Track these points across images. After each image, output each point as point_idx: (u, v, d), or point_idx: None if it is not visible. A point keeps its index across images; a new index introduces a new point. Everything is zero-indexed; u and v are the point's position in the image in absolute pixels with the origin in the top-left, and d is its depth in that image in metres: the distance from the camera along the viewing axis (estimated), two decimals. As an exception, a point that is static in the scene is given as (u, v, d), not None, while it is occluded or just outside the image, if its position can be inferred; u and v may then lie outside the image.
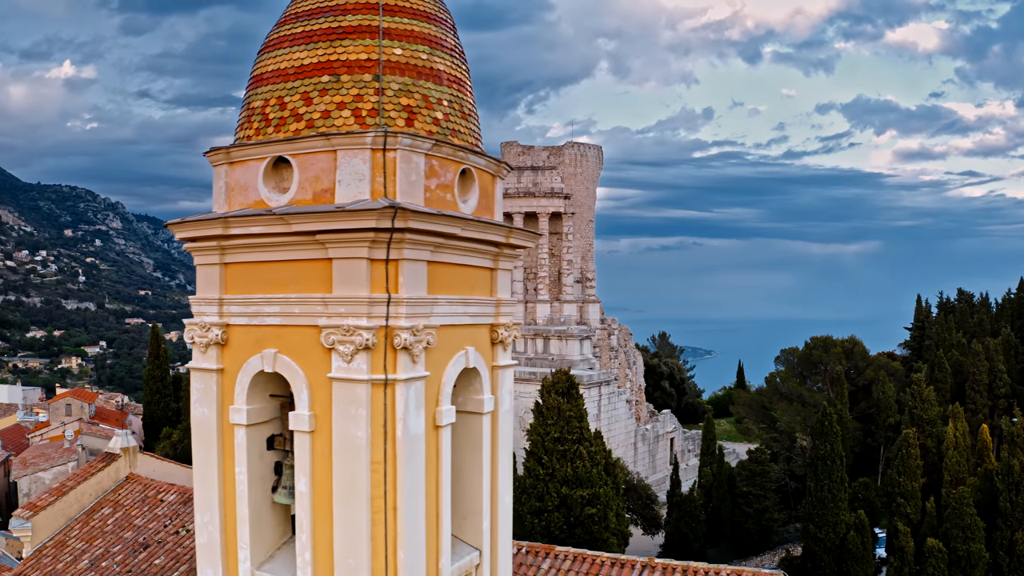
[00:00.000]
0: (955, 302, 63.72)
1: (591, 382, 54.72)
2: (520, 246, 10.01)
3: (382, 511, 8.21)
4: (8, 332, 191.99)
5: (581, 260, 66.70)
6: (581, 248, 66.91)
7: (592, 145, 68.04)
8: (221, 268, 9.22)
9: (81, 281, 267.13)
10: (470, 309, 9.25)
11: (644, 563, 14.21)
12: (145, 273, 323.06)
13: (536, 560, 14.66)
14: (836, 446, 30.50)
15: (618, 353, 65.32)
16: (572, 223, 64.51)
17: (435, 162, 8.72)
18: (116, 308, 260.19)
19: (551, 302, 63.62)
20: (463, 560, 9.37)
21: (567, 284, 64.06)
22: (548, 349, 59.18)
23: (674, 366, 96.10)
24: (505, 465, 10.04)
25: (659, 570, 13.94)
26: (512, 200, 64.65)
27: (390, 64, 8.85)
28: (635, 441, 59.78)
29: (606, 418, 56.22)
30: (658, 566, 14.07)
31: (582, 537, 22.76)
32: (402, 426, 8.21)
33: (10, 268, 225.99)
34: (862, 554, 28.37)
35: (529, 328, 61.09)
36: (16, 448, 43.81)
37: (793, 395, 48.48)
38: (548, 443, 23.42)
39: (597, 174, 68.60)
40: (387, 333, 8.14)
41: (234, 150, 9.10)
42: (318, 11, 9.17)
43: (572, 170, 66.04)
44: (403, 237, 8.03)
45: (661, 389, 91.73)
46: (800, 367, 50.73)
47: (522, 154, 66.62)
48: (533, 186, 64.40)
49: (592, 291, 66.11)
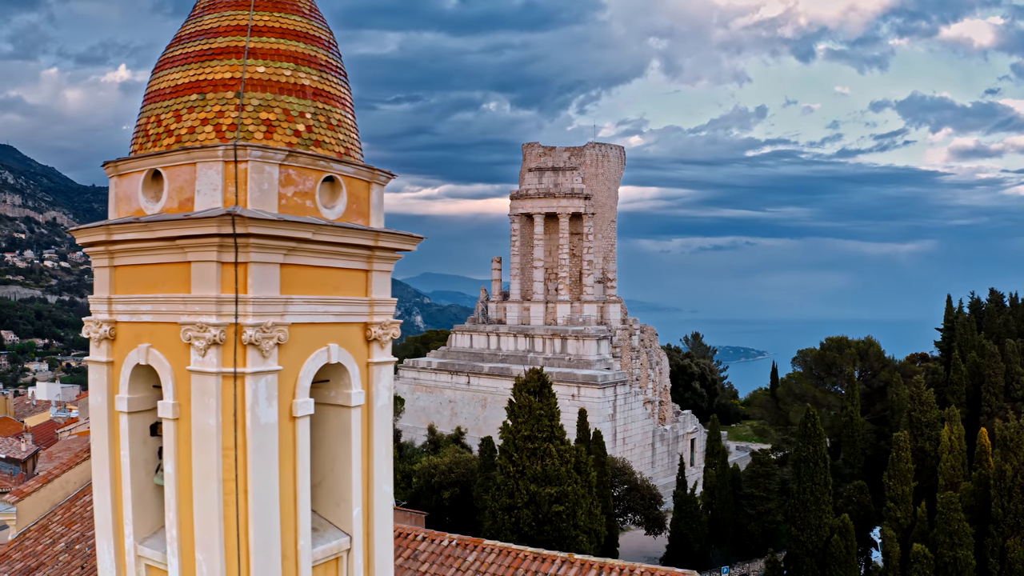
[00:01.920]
0: (986, 302, 62.01)
1: (606, 382, 54.93)
2: (395, 248, 10.63)
3: (233, 493, 8.93)
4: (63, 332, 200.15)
5: (603, 260, 66.85)
6: (603, 248, 67.05)
7: (614, 145, 68.15)
8: (111, 271, 10.09)
9: None
10: (334, 308, 9.90)
11: (564, 558, 14.66)
12: None
13: (464, 552, 15.25)
14: (819, 448, 30.22)
15: (640, 353, 65.26)
16: (593, 223, 64.72)
17: (292, 171, 9.41)
18: None
19: (571, 302, 63.97)
20: (330, 544, 10.03)
21: (587, 284, 64.31)
22: (565, 349, 59.57)
23: (706, 367, 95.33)
24: (382, 457, 10.65)
25: (576, 565, 14.39)
26: (532, 201, 65.24)
27: (253, 81, 9.58)
28: (653, 441, 59.71)
29: (622, 418, 56.33)
30: (576, 561, 14.51)
31: (551, 534, 23.20)
32: (251, 416, 8.91)
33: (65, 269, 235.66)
34: (845, 558, 28.03)
35: (547, 328, 61.58)
36: (46, 442, 46.13)
37: (807, 396, 47.94)
38: (518, 441, 23.92)
39: (619, 175, 68.65)
40: (236, 330, 8.87)
41: (120, 163, 9.98)
42: (195, 34, 9.98)
43: (593, 171, 66.27)
44: (248, 242, 8.74)
45: (692, 390, 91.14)
46: (816, 368, 50.08)
47: (543, 155, 67.12)
48: (553, 187, 64.86)
49: (613, 291, 66.19)
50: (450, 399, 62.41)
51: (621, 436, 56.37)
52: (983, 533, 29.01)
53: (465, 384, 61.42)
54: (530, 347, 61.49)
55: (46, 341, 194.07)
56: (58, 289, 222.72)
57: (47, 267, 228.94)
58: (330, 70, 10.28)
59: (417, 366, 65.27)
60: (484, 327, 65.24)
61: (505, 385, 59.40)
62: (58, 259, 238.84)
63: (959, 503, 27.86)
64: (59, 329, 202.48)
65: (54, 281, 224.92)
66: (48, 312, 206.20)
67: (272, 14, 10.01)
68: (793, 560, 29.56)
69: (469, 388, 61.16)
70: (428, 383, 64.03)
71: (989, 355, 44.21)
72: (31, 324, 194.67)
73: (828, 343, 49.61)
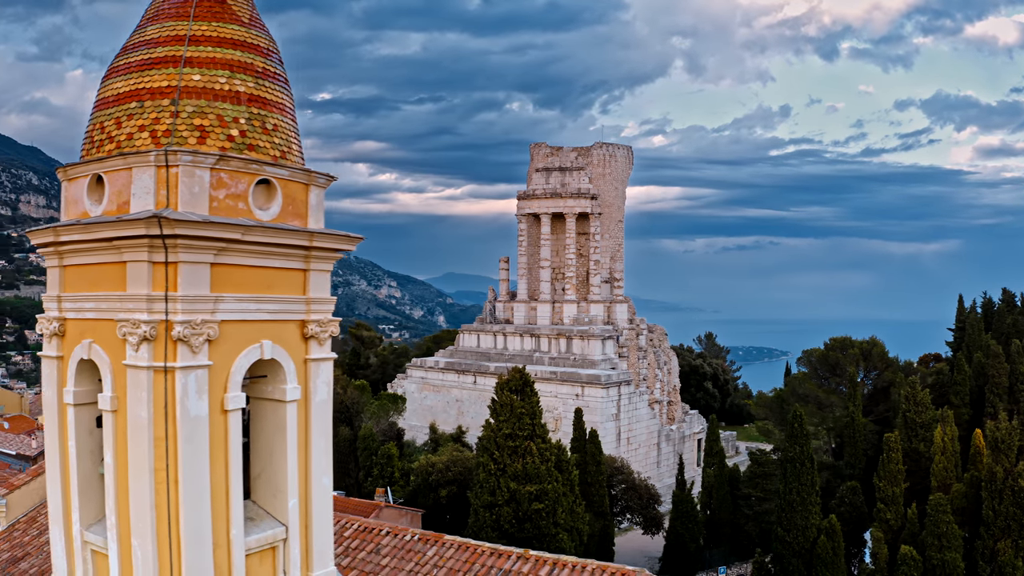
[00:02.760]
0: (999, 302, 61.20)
1: (609, 382, 55.03)
2: (333, 248, 11.02)
3: (164, 483, 9.37)
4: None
5: (610, 260, 66.92)
6: (610, 248, 67.13)
7: (621, 145, 68.15)
8: (60, 270, 10.61)
9: None
10: (268, 306, 10.31)
11: (519, 554, 14.95)
12: None
13: (424, 547, 15.61)
14: (806, 448, 30.13)
15: (647, 353, 65.24)
16: (599, 223, 64.83)
17: (224, 175, 9.84)
18: None
19: (578, 302, 64.12)
20: (265, 533, 10.44)
21: (594, 284, 64.42)
22: (571, 349, 59.75)
23: (718, 367, 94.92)
24: (320, 450, 11.04)
25: (531, 561, 14.67)
26: (539, 201, 65.49)
27: (188, 89, 10.03)
28: (659, 441, 59.70)
29: (626, 418, 56.41)
30: (531, 557, 14.79)
31: (530, 532, 23.47)
32: (181, 408, 9.36)
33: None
34: (832, 559, 27.92)
35: (553, 328, 61.80)
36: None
37: (810, 396, 47.72)
38: (499, 439, 24.20)
39: (627, 174, 68.66)
40: (166, 327, 9.31)
41: (69, 169, 10.49)
42: (139, 45, 10.46)
43: (601, 171, 66.35)
44: (176, 243, 9.18)
45: (704, 390, 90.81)
46: (820, 368, 49.83)
47: (550, 155, 67.33)
48: (560, 187, 65.05)
49: (620, 291, 66.24)
50: (457, 398, 62.85)
51: (625, 436, 56.46)
52: (974, 536, 28.80)
53: (471, 383, 61.83)
54: (536, 347, 61.74)
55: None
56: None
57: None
58: (267, 77, 10.70)
59: (424, 365, 65.80)
60: (491, 327, 65.60)
61: (511, 384, 59.84)
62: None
63: (948, 505, 27.65)
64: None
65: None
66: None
67: (211, 24, 10.45)
68: (780, 561, 29.49)
69: (475, 387, 61.55)
70: (435, 382, 64.52)
71: (993, 355, 43.77)
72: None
73: (832, 343, 49.34)
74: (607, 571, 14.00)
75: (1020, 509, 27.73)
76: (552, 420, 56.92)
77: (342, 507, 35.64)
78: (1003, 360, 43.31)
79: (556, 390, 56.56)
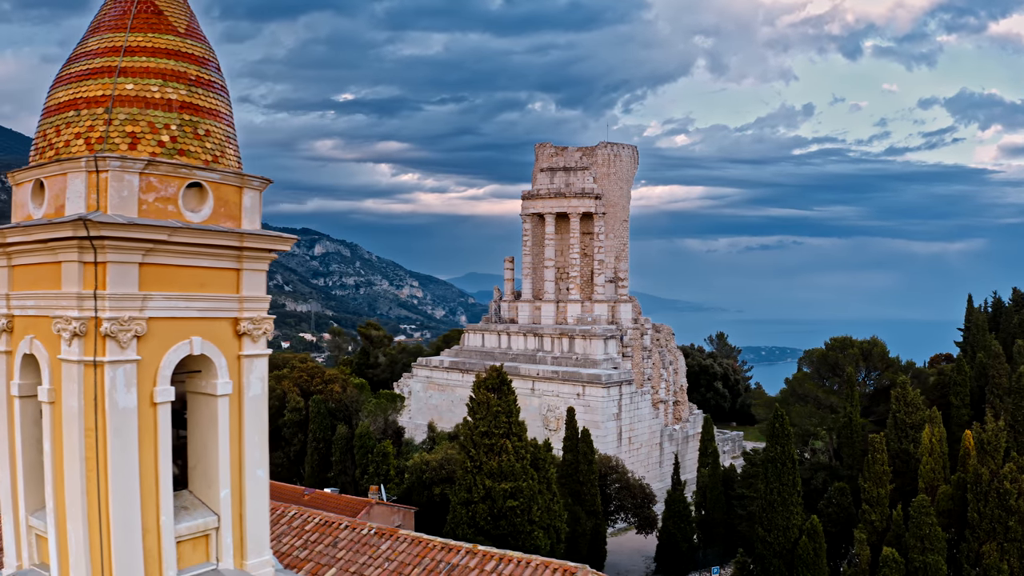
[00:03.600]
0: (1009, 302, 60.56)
1: (610, 381, 55.22)
2: (266, 249, 11.50)
3: (95, 471, 9.91)
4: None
5: (615, 260, 67.06)
6: (614, 248, 67.28)
7: (626, 145, 68.27)
8: (9, 270, 11.21)
9: None
10: (198, 304, 10.82)
11: (468, 549, 15.37)
12: None
13: (379, 541, 16.08)
14: (787, 448, 30.13)
15: (652, 353, 65.33)
16: (603, 223, 65.01)
17: (153, 178, 10.36)
18: None
19: (582, 302, 64.35)
20: (196, 521, 10.95)
21: (598, 284, 64.62)
22: (573, 348, 60.02)
23: (729, 367, 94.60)
24: (254, 443, 11.52)
25: (478, 555, 15.07)
26: (543, 201, 65.81)
27: (121, 98, 10.57)
28: (661, 441, 59.77)
29: (627, 417, 56.56)
30: (479, 552, 15.19)
31: (505, 529, 23.82)
32: (110, 401, 9.89)
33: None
34: (813, 560, 27.88)
35: (556, 328, 62.10)
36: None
37: (809, 397, 47.61)
38: (476, 437, 24.60)
39: (632, 174, 68.78)
40: (95, 323, 9.85)
41: (16, 174, 11.09)
42: (80, 56, 11.04)
43: (605, 170, 66.54)
44: (104, 244, 9.71)
45: (714, 390, 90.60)
46: (821, 368, 49.65)
47: (555, 155, 67.63)
48: (565, 187, 65.32)
49: (625, 290, 66.36)
50: (460, 397, 63.25)
51: (627, 435, 56.61)
52: (960, 538, 28.65)
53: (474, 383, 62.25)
54: (539, 346, 62.07)
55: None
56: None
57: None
58: (201, 84, 11.21)
59: (430, 364, 66.39)
60: (495, 326, 66.04)
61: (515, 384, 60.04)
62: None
63: (931, 507, 27.52)
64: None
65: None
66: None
67: (146, 35, 10.99)
68: (761, 561, 29.53)
69: (479, 386, 62.00)
70: (440, 381, 65.09)
71: (994, 355, 43.40)
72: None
73: (832, 343, 49.12)
74: (550, 567, 14.35)
75: (1005, 511, 27.58)
76: (554, 419, 57.29)
77: (333, 504, 36.38)
78: (1004, 360, 42.93)
79: (558, 389, 56.90)
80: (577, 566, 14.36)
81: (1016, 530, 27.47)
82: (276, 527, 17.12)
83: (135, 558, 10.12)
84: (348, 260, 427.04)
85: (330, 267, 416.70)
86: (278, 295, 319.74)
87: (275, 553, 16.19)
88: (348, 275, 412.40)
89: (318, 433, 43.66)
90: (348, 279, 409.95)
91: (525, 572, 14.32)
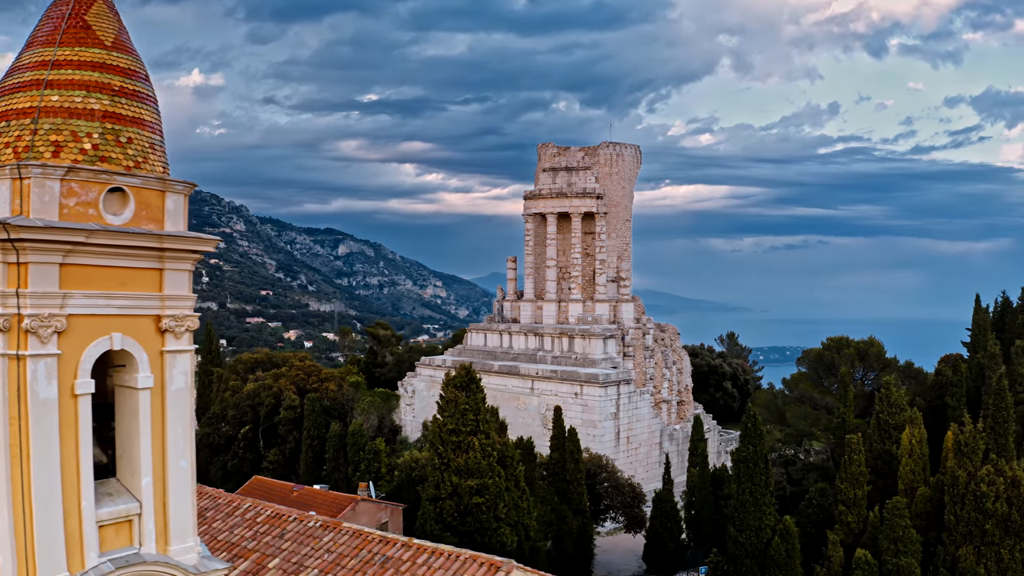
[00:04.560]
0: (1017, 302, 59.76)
1: (608, 380, 55.47)
2: (189, 250, 12.12)
3: (18, 457, 10.59)
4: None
5: (617, 260, 67.24)
6: (617, 248, 67.47)
7: (629, 145, 68.42)
8: (-52, 269, 11.91)
9: (204, 282, 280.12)
10: (119, 302, 11.46)
11: (404, 542, 15.93)
12: (267, 274, 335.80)
13: (322, 533, 16.70)
14: (759, 448, 30.22)
15: (654, 352, 65.43)
16: (605, 223, 65.24)
17: (74, 184, 11.02)
18: (237, 308, 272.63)
19: (584, 301, 64.62)
20: (118, 507, 11.59)
21: (600, 284, 64.85)
22: (573, 348, 60.34)
23: (739, 367, 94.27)
24: (177, 435, 12.14)
25: (413, 548, 15.62)
26: (545, 201, 66.18)
27: (47, 109, 11.24)
28: (661, 440, 59.88)
29: (626, 417, 56.78)
30: (413, 545, 15.72)
31: (472, 525, 24.24)
32: (32, 392, 10.56)
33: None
34: (786, 561, 27.91)
35: (556, 327, 62.46)
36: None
37: (805, 397, 47.53)
38: (444, 434, 25.11)
39: (634, 174, 68.92)
40: (18, 319, 10.52)
41: (-45, 180, 11.78)
42: (14, 70, 11.79)
43: (607, 170, 66.75)
44: (24, 246, 10.38)
45: (723, 390, 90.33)
46: (817, 368, 49.50)
47: (557, 155, 67.98)
48: (567, 187, 65.64)
49: (627, 290, 66.53)
50: (463, 396, 63.95)
51: (625, 435, 56.82)
52: (937, 541, 28.51)
53: (444, 381, 62.74)
54: (539, 346, 62.46)
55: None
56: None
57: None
58: (125, 95, 11.85)
59: (433, 364, 67.05)
60: (498, 326, 66.55)
61: (513, 383, 60.65)
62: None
63: (905, 509, 27.39)
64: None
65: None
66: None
67: (74, 48, 11.65)
68: (733, 561, 29.61)
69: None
70: (441, 380, 65.64)
71: (990, 356, 43.04)
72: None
73: (829, 343, 48.95)
74: (478, 560, 14.82)
75: (982, 515, 27.39)
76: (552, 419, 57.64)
77: (320, 501, 37.03)
78: (1000, 361, 42.57)
79: (556, 389, 57.24)
80: (503, 560, 14.82)
81: (993, 534, 27.30)
82: (230, 519, 17.81)
83: (56, 540, 10.77)
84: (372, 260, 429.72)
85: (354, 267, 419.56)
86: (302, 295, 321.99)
87: (225, 543, 16.89)
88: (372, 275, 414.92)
89: (312, 431, 44.45)
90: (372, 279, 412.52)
91: (453, 565, 14.83)
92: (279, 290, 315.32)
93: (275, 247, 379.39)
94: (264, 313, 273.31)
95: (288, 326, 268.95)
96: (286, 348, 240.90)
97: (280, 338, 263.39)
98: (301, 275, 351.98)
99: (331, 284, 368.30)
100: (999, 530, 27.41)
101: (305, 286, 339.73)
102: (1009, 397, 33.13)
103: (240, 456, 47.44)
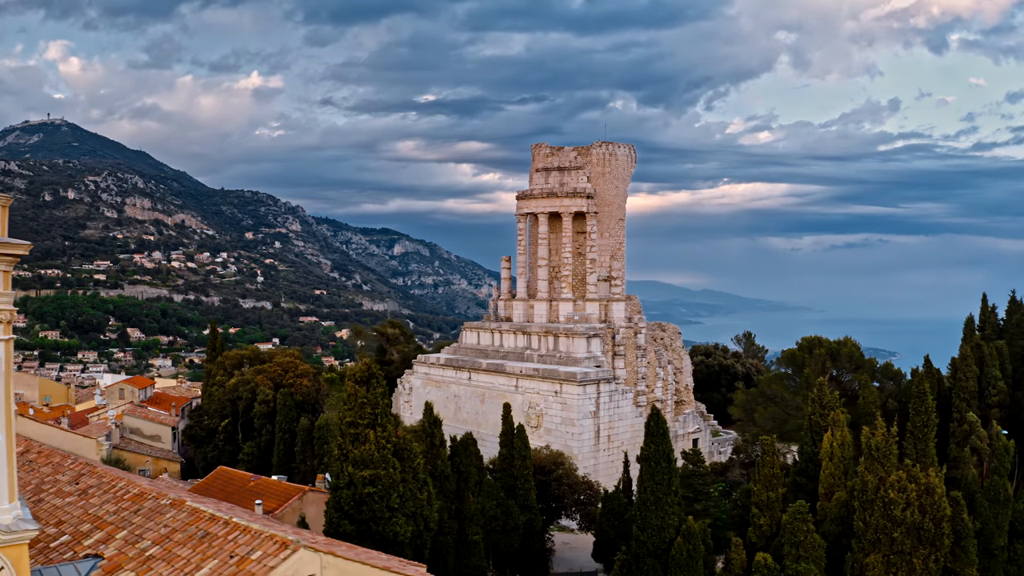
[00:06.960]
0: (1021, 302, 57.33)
1: (586, 379, 55.58)
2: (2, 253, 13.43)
3: None
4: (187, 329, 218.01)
5: (609, 259, 67.13)
6: (609, 247, 67.35)
7: (623, 144, 68.16)
8: None
9: (259, 281, 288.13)
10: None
11: (225, 520, 17.09)
12: (322, 273, 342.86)
13: (168, 510, 18.30)
14: (662, 447, 29.99)
15: (646, 352, 65.13)
16: (596, 222, 65.24)
17: None
18: (291, 307, 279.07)
19: (575, 300, 64.77)
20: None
21: (591, 283, 64.90)
22: (558, 347, 60.59)
23: (752, 367, 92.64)
24: None
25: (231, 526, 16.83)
26: (537, 200, 66.54)
27: None
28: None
29: (606, 415, 56.77)
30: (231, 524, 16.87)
31: (366, 514, 25.19)
32: None
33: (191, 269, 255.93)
34: (688, 562, 27.66)
35: (542, 326, 62.81)
36: (79, 424, 52.56)
37: (776, 397, 46.85)
38: (343, 427, 26.08)
39: (628, 173, 68.64)
40: None
41: None
42: None
43: (600, 169, 66.70)
44: None
45: (734, 390, 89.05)
46: (792, 369, 48.70)
47: (551, 155, 68.24)
48: (558, 186, 65.88)
49: (619, 289, 66.37)
50: (455, 394, 64.89)
51: (606, 433, 56.81)
52: (848, 548, 27.89)
53: (467, 380, 63.70)
54: (528, 344, 62.91)
55: (171, 338, 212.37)
56: (184, 288, 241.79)
57: (174, 267, 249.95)
58: None
59: (428, 362, 68.20)
60: (491, 324, 67.25)
61: (501, 381, 61.23)
62: (185, 260, 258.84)
63: (808, 513, 26.88)
64: (183, 327, 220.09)
65: (180, 281, 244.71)
66: (173, 311, 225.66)
67: None
68: (637, 560, 29.55)
69: (471, 384, 63.37)
70: (437, 378, 66.78)
71: (962, 358, 41.68)
72: (156, 322, 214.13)
73: (802, 343, 48.07)
74: (273, 538, 15.80)
75: (891, 522, 26.71)
76: (535, 416, 58.06)
77: (273, 490, 38.57)
78: (972, 363, 41.23)
79: (538, 387, 57.65)
80: (291, 540, 15.70)
81: (902, 542, 26.59)
82: (105, 495, 19.78)
83: None
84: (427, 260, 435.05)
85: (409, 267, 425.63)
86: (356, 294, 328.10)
87: (91, 516, 18.73)
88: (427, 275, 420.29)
89: (284, 424, 46.03)
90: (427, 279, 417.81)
91: (253, 542, 15.98)
92: (333, 289, 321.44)
93: (330, 247, 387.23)
94: (317, 312, 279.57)
95: (341, 325, 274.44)
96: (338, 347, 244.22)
97: (332, 337, 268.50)
98: (356, 275, 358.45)
99: (386, 284, 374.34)
100: (911, 538, 26.66)
101: (360, 285, 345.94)
102: (930, 401, 32.15)
103: (220, 448, 49.42)
